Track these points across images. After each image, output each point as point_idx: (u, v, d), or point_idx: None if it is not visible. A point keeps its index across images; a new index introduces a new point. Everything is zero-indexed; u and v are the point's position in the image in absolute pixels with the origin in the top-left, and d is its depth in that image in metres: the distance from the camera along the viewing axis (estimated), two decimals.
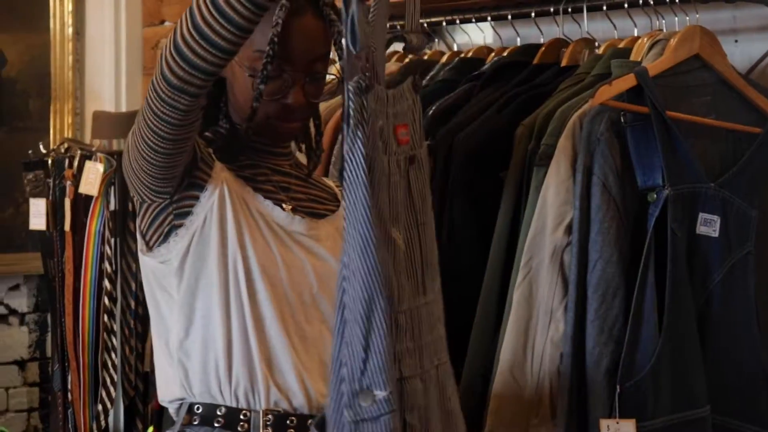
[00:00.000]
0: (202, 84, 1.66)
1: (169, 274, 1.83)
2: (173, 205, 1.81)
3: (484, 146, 2.33)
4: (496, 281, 2.25)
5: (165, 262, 1.83)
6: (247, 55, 1.80)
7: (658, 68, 2.22)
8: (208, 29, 1.60)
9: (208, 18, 1.59)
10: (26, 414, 3.96)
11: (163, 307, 1.86)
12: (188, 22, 1.62)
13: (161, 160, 1.74)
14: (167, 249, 1.82)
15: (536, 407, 2.15)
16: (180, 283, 1.82)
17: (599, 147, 2.14)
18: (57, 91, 3.98)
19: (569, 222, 2.15)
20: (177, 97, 1.66)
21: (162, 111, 1.68)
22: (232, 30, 1.59)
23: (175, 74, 1.64)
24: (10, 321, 3.94)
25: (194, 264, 1.81)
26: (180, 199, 1.81)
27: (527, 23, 2.68)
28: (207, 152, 1.85)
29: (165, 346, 1.87)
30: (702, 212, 2.20)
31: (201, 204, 1.81)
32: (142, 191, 1.81)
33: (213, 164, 1.83)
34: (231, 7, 1.58)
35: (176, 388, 1.85)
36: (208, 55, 1.61)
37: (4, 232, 3.87)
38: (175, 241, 1.81)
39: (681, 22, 2.45)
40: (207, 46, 1.61)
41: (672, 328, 2.11)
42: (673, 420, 2.14)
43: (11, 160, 3.74)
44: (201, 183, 1.81)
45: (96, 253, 3.19)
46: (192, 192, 1.81)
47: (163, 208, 1.82)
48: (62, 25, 3.98)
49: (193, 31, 1.61)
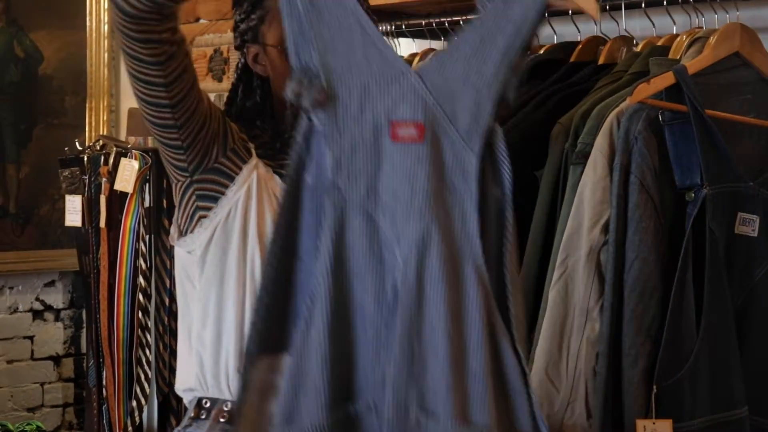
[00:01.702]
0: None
1: (193, 263, 1.86)
2: (195, 185, 1.84)
3: (521, 144, 2.32)
4: (532, 280, 2.24)
5: (191, 251, 1.86)
6: (277, 36, 1.81)
7: (697, 66, 2.20)
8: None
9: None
10: (61, 409, 3.99)
11: (188, 297, 1.89)
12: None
13: (147, 72, 1.78)
14: (192, 239, 1.85)
15: (571, 407, 2.14)
16: (201, 274, 1.84)
17: (637, 145, 2.13)
18: (93, 89, 4.00)
19: (606, 221, 2.14)
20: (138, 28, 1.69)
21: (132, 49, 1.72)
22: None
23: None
24: (46, 317, 3.97)
25: (215, 256, 1.83)
26: (201, 181, 1.83)
27: (564, 21, 2.67)
28: (244, 145, 1.86)
29: (187, 336, 1.89)
30: (741, 212, 2.18)
31: (227, 197, 1.83)
32: (164, 141, 1.85)
33: (248, 159, 1.84)
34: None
35: (191, 378, 1.87)
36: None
37: (40, 229, 3.90)
38: (200, 231, 1.84)
39: (721, 20, 2.43)
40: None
41: (710, 328, 2.10)
42: (710, 421, 2.12)
43: (47, 157, 3.77)
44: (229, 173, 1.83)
45: (131, 250, 3.21)
46: (216, 177, 1.83)
47: (187, 186, 1.84)
48: (98, 23, 4.01)
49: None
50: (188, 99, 1.79)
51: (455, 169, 1.49)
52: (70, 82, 3.98)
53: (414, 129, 1.48)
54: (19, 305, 3.91)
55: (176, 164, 1.84)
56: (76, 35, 3.98)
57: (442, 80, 1.51)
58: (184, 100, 1.79)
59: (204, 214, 1.84)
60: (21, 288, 3.91)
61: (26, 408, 3.90)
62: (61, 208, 3.46)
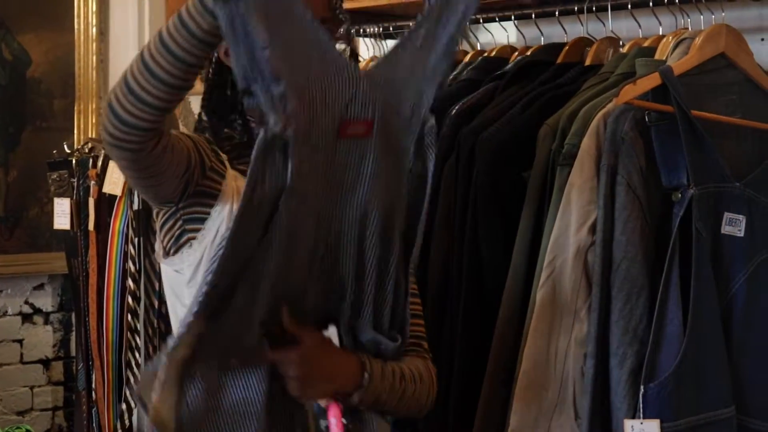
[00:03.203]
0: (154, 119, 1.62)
1: (181, 283, 1.83)
2: (180, 211, 1.81)
3: (508, 146, 2.33)
4: (520, 281, 2.24)
5: (178, 271, 1.83)
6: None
7: (683, 67, 2.20)
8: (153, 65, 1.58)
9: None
10: (51, 413, 3.98)
11: (177, 313, 1.87)
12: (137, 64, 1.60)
13: (133, 176, 1.73)
14: (180, 259, 1.82)
15: (560, 407, 2.14)
16: (191, 293, 1.81)
17: (623, 146, 2.13)
18: (81, 91, 4.00)
19: (593, 222, 2.14)
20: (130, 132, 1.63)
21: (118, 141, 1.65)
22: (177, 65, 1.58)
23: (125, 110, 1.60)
24: (35, 320, 3.96)
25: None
26: (188, 206, 1.81)
27: (551, 22, 2.67)
28: (218, 158, 1.84)
29: None
30: (727, 212, 2.18)
31: (212, 218, 1.80)
32: (145, 196, 1.83)
33: (225, 173, 1.83)
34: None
35: None
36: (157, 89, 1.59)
37: (28, 232, 3.89)
38: (188, 252, 1.81)
39: (706, 21, 2.43)
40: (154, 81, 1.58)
41: (697, 328, 2.10)
42: (697, 420, 2.12)
43: (36, 160, 3.76)
44: (211, 192, 1.81)
45: (120, 253, 3.20)
46: (201, 199, 1.81)
47: (172, 213, 1.82)
48: (86, 25, 4.00)
49: (141, 65, 1.59)
50: (176, 168, 1.77)
51: (400, 154, 1.70)
52: (59, 85, 3.97)
53: (363, 126, 1.63)
54: (8, 308, 3.90)
55: (162, 203, 1.82)
56: (65, 38, 3.98)
57: (392, 74, 1.64)
58: (174, 174, 1.77)
59: (192, 236, 1.80)
60: (10, 291, 3.90)
61: (16, 411, 3.89)
62: (50, 211, 3.45)
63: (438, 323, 2.35)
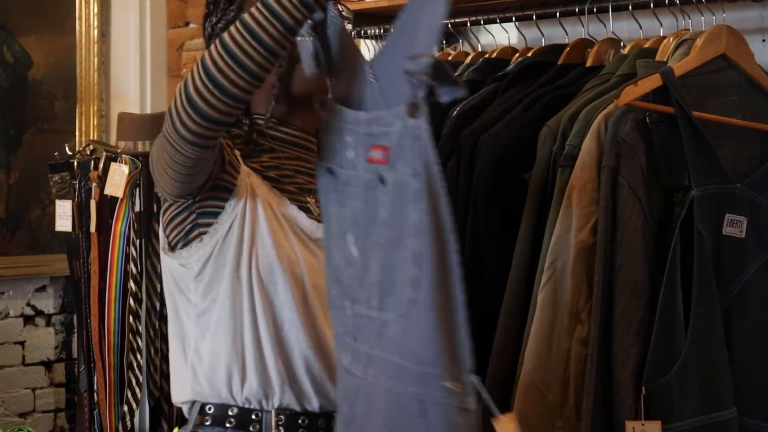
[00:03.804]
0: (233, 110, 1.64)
1: (188, 277, 1.83)
2: (196, 204, 1.81)
3: (509, 147, 2.32)
4: (521, 283, 2.24)
5: (185, 265, 1.83)
6: None
7: (684, 68, 2.20)
8: (240, 53, 1.59)
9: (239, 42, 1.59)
10: (53, 414, 3.98)
11: (180, 310, 1.86)
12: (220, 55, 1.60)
13: (184, 169, 1.74)
14: (188, 253, 1.82)
15: (561, 409, 2.14)
16: (198, 288, 1.82)
17: (624, 147, 2.13)
18: (82, 93, 4.00)
19: (594, 223, 2.14)
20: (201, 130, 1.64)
21: (180, 149, 1.68)
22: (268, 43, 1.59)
23: (208, 103, 1.61)
24: (37, 322, 3.96)
25: (214, 271, 1.81)
26: (204, 199, 1.81)
27: (552, 23, 2.67)
28: (234, 156, 1.84)
29: (180, 348, 1.87)
30: (729, 213, 2.18)
31: (227, 212, 1.80)
32: (166, 190, 1.82)
33: (240, 168, 1.83)
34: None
35: (188, 391, 1.85)
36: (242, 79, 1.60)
37: (30, 234, 3.89)
38: (198, 246, 1.81)
39: (707, 22, 2.43)
40: (239, 70, 1.59)
41: (698, 329, 2.10)
42: (699, 422, 2.12)
43: (37, 162, 3.76)
44: (228, 186, 1.81)
45: (121, 255, 3.20)
46: (217, 193, 1.81)
47: (187, 206, 1.82)
48: (88, 28, 4.00)
49: (225, 55, 1.60)
50: (213, 163, 1.78)
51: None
52: (60, 87, 3.97)
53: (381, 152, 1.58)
54: (10, 310, 3.90)
55: (181, 193, 1.80)
56: (66, 40, 3.98)
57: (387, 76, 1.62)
58: (210, 167, 1.78)
59: (204, 231, 1.80)
60: (12, 293, 3.90)
61: (18, 413, 3.89)
62: (52, 213, 3.45)
63: None
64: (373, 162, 1.59)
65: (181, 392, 1.88)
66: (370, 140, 1.60)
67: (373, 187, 1.59)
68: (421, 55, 1.50)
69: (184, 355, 1.86)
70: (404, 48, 1.56)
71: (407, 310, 1.53)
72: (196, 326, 1.83)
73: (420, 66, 1.49)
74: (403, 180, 1.54)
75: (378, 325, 1.59)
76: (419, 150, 1.51)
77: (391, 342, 1.56)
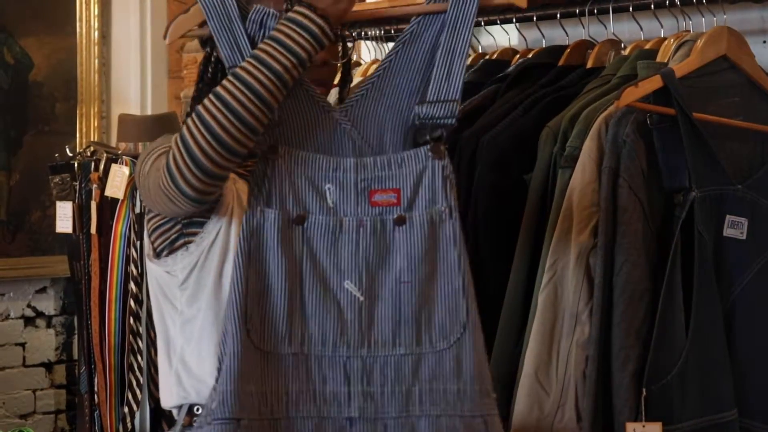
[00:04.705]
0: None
1: (173, 285, 1.81)
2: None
3: (509, 148, 2.32)
4: (521, 284, 2.24)
5: (170, 272, 1.81)
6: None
7: (685, 69, 2.20)
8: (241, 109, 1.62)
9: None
10: (53, 416, 3.98)
11: (166, 316, 1.85)
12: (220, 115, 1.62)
13: (178, 215, 1.76)
14: (174, 261, 1.80)
15: (561, 410, 2.14)
16: (183, 295, 1.80)
17: (625, 149, 2.13)
18: (83, 95, 4.00)
19: (595, 224, 2.14)
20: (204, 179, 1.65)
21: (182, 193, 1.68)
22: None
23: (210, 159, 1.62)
24: (38, 323, 3.96)
25: (199, 279, 1.79)
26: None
27: (552, 24, 2.67)
28: None
29: (166, 353, 1.85)
30: (729, 214, 2.18)
31: (212, 221, 1.78)
32: (153, 210, 1.81)
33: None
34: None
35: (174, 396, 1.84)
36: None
37: (31, 236, 3.89)
38: (184, 255, 1.79)
39: (708, 23, 2.43)
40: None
41: (699, 330, 2.10)
42: (700, 423, 2.12)
43: (38, 164, 3.76)
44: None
45: (122, 256, 3.20)
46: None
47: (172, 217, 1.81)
48: (88, 29, 4.00)
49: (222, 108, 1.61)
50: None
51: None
52: (61, 89, 3.98)
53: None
54: (10, 312, 3.90)
55: (169, 216, 1.81)
56: (67, 41, 3.98)
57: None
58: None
59: (190, 240, 1.78)
60: (12, 295, 3.90)
61: (18, 415, 3.89)
62: (52, 215, 3.45)
63: None
64: (379, 205, 1.67)
65: (168, 398, 1.87)
66: (371, 184, 1.68)
67: (386, 229, 1.68)
68: (442, 101, 1.68)
69: (168, 362, 1.85)
70: (397, 94, 1.71)
71: (460, 335, 1.69)
72: (181, 333, 1.82)
73: (442, 111, 1.69)
74: (432, 218, 1.69)
75: (414, 359, 1.69)
76: (450, 189, 1.70)
77: (443, 370, 1.69)
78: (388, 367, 1.69)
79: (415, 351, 1.70)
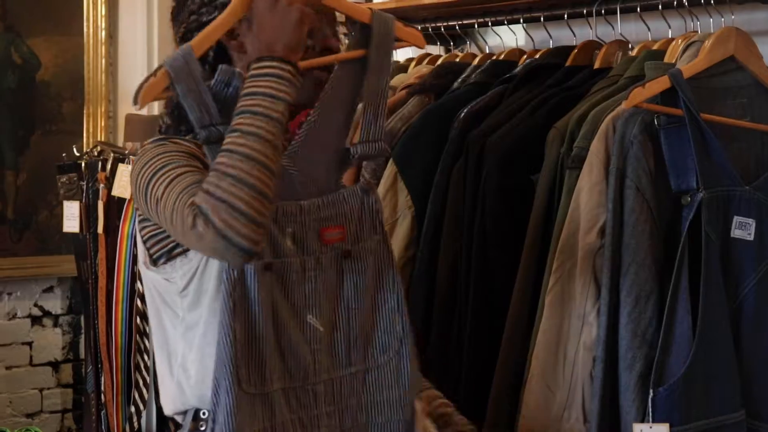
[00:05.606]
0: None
1: (173, 292, 1.80)
2: None
3: (517, 149, 2.32)
4: (528, 285, 2.24)
5: (169, 279, 1.80)
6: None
7: (693, 70, 2.20)
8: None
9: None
10: (60, 415, 3.99)
11: (166, 322, 1.83)
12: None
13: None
14: (172, 268, 1.78)
15: (568, 411, 2.14)
16: (184, 302, 1.79)
17: (632, 150, 2.13)
18: (90, 94, 4.01)
19: (602, 225, 2.14)
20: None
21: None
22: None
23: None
24: (44, 323, 3.97)
25: (200, 285, 1.78)
26: None
27: (560, 25, 2.67)
28: (203, 162, 1.81)
29: (166, 359, 1.84)
30: (737, 215, 2.18)
31: None
32: (151, 220, 1.81)
33: None
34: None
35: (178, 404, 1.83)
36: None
37: (38, 235, 3.90)
38: (183, 262, 1.77)
39: (716, 24, 2.43)
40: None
41: (706, 331, 2.10)
42: (707, 425, 2.12)
43: (45, 164, 3.77)
44: None
45: (129, 256, 3.21)
46: None
47: None
48: (95, 29, 4.01)
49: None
50: None
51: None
52: (68, 89, 3.98)
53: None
54: (17, 311, 3.91)
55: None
56: (74, 41, 3.98)
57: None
58: None
59: (187, 248, 1.79)
60: (19, 294, 3.91)
61: (25, 414, 3.90)
62: (59, 214, 3.46)
63: (446, 326, 2.35)
64: (331, 242, 1.81)
65: (171, 405, 1.86)
66: (319, 224, 1.80)
67: (336, 263, 1.82)
68: (371, 140, 1.84)
69: (170, 369, 1.83)
70: (330, 134, 1.83)
71: (398, 348, 1.86)
72: (183, 339, 1.81)
73: (374, 150, 1.84)
74: (374, 247, 1.85)
75: (362, 375, 1.84)
76: (380, 221, 1.86)
77: (385, 381, 1.86)
78: (343, 385, 1.83)
79: (362, 367, 1.85)
